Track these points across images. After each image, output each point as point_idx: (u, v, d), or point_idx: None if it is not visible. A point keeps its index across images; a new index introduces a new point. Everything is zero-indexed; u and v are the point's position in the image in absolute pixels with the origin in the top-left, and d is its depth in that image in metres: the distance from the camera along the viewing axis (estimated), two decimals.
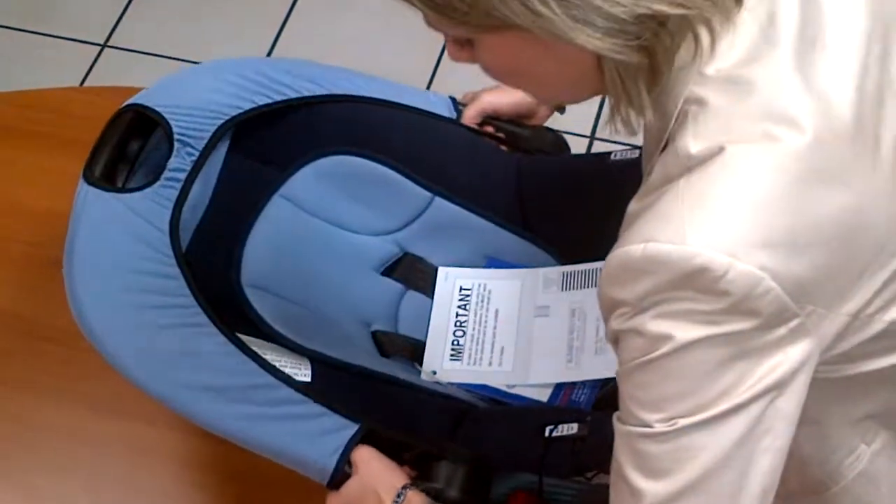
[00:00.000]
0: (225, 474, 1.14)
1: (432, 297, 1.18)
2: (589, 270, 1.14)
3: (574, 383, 1.09)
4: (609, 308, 0.72)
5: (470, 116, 1.19)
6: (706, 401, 0.69)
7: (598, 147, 1.98)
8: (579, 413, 1.01)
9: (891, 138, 0.72)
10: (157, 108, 1.08)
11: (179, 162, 1.06)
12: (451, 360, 1.13)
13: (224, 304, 1.01)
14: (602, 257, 1.14)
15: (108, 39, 2.26)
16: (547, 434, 0.95)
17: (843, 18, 0.73)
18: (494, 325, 1.15)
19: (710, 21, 0.69)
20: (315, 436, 0.95)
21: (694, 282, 0.66)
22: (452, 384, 1.11)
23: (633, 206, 0.73)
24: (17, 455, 1.18)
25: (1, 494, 1.16)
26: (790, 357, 0.69)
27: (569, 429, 0.95)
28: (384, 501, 0.92)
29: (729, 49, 0.70)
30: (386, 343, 1.13)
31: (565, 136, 1.26)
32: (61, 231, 1.32)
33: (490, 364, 1.12)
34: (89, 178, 1.04)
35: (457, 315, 1.16)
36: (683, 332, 0.67)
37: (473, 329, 1.15)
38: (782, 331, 0.68)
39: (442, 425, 1.01)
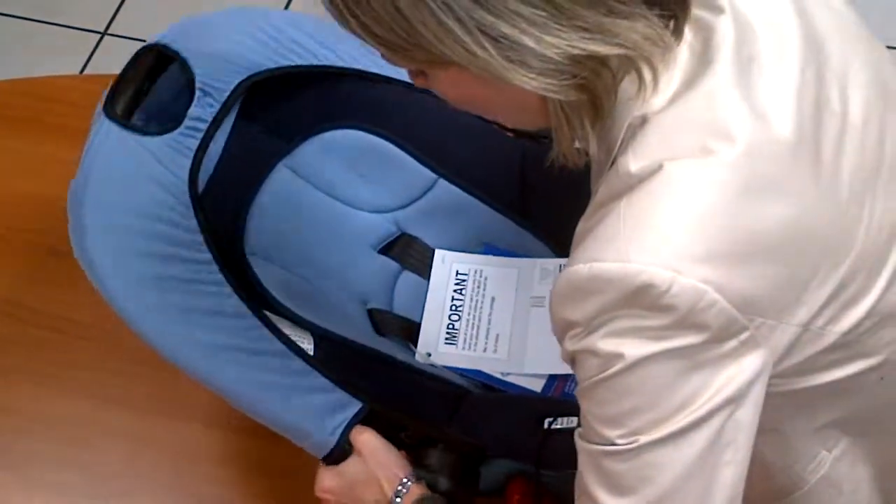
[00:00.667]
0: (226, 463, 1.14)
1: (427, 279, 1.18)
2: None
3: (568, 375, 1.09)
4: (562, 329, 0.73)
5: None
6: (664, 415, 0.70)
7: None
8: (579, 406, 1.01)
9: (830, 154, 0.73)
10: (181, 53, 1.04)
11: (200, 111, 1.02)
12: (447, 343, 1.13)
13: (226, 269, 0.99)
14: None
15: (107, 27, 2.26)
16: (546, 426, 0.95)
17: (776, 40, 0.75)
18: (490, 311, 1.15)
19: (651, 59, 0.69)
20: (319, 410, 0.94)
21: (639, 299, 0.67)
22: (447, 367, 1.11)
23: (580, 226, 0.74)
24: (16, 445, 1.17)
25: None
26: (744, 368, 0.70)
27: (568, 422, 0.95)
28: (385, 491, 0.92)
29: (669, 80, 0.71)
30: (381, 321, 1.13)
31: None
32: (62, 219, 1.33)
33: (485, 350, 1.12)
34: (111, 114, 0.99)
35: (452, 299, 1.16)
36: (633, 349, 0.68)
37: (469, 314, 1.15)
38: (733, 343, 0.69)
39: (438, 408, 1.02)
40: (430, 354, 1.12)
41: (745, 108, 0.70)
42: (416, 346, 1.13)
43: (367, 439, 0.94)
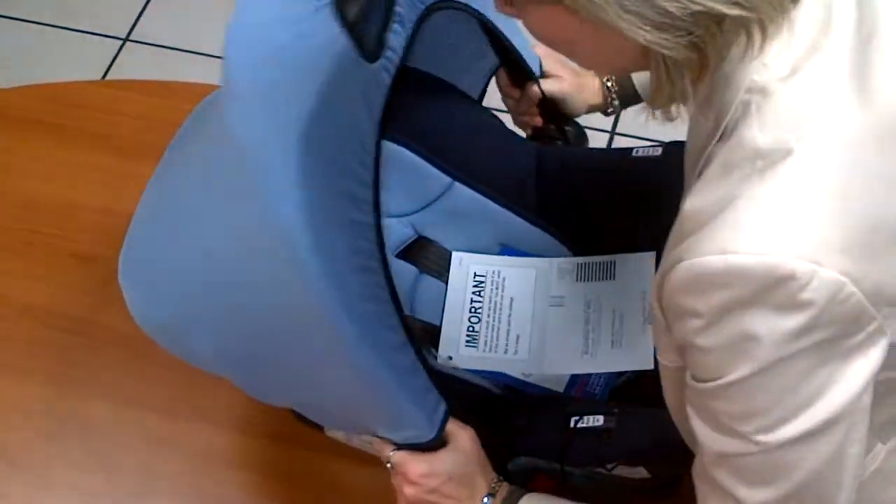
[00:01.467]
0: (244, 466, 1.15)
1: (446, 282, 1.17)
2: (604, 263, 1.15)
3: (589, 375, 1.09)
4: (678, 314, 0.71)
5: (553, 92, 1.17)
6: (796, 410, 0.69)
7: (619, 142, 1.98)
8: (606, 405, 1.02)
9: None
10: None
11: (394, 40, 0.85)
12: (467, 346, 1.13)
13: None
14: (617, 251, 1.13)
15: (129, 34, 2.27)
16: (572, 424, 0.95)
17: (894, 15, 0.73)
18: (509, 312, 1.15)
19: (765, 21, 0.68)
20: (425, 402, 0.91)
21: (775, 294, 0.65)
22: (469, 370, 1.11)
23: (693, 203, 0.71)
24: (38, 446, 1.18)
25: (20, 487, 1.16)
26: (871, 359, 0.69)
27: (594, 420, 0.95)
28: (481, 488, 0.92)
29: (788, 45, 0.69)
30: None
31: (587, 130, 1.26)
32: (84, 222, 1.34)
33: (506, 352, 1.12)
34: (342, 9, 0.78)
35: (471, 301, 1.16)
36: (765, 352, 0.67)
37: (488, 316, 1.15)
38: (861, 336, 0.68)
39: (462, 411, 1.01)
40: (451, 358, 1.12)
41: (866, 86, 0.68)
42: (437, 350, 1.13)
43: (472, 437, 0.94)
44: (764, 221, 0.66)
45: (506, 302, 1.16)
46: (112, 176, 1.37)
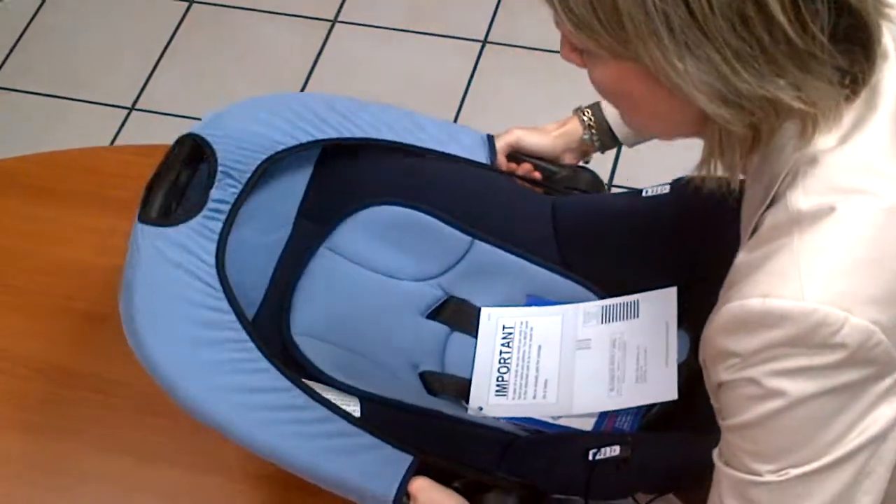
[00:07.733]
0: None
1: (476, 337, 1.19)
2: (627, 303, 1.17)
3: (617, 411, 1.10)
4: (717, 357, 0.74)
5: (500, 148, 1.23)
6: (817, 451, 0.72)
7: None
8: (620, 436, 1.03)
9: None
10: (209, 139, 1.09)
11: (221, 193, 1.06)
12: (497, 395, 1.14)
13: (273, 350, 1.01)
14: (638, 289, 1.16)
15: (135, 103, 2.33)
16: (590, 457, 0.97)
17: None
18: (537, 359, 1.17)
19: (819, 117, 0.72)
20: (372, 466, 0.96)
21: (809, 338, 0.69)
22: (498, 418, 1.12)
23: (742, 257, 0.76)
24: (53, 502, 1.19)
25: None
26: (894, 406, 0.72)
27: (611, 451, 0.96)
28: None
29: (838, 119, 0.73)
30: (433, 382, 1.15)
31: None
32: (95, 284, 1.37)
33: (535, 397, 1.14)
34: (143, 218, 1.04)
35: (500, 353, 1.17)
36: (796, 387, 0.70)
37: (517, 365, 1.17)
38: (888, 381, 0.71)
39: (487, 455, 1.03)
40: (481, 408, 1.13)
41: None
42: (467, 403, 1.14)
43: (420, 485, 0.96)
44: (803, 270, 0.70)
45: (534, 350, 1.17)
46: (122, 236, 1.39)
